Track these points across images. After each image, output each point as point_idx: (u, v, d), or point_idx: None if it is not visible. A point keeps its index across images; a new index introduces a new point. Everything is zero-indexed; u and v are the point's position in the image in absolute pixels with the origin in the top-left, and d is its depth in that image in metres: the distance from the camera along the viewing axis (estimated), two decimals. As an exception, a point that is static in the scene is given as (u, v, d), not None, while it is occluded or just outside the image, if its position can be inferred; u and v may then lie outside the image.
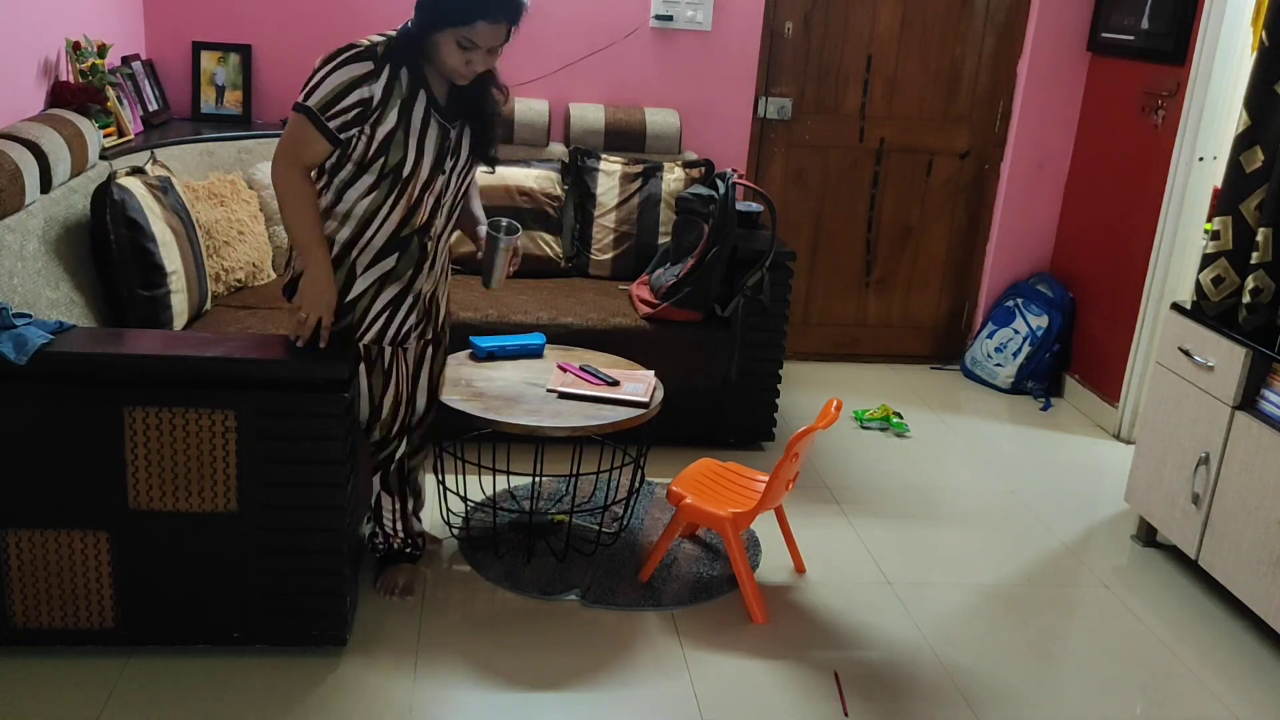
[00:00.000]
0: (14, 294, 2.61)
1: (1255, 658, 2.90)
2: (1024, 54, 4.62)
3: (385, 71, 2.41)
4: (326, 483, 2.46)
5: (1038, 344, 4.62)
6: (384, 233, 2.52)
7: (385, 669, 2.57)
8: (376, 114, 2.40)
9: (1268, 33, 3.02)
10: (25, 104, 3.21)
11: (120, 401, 2.33)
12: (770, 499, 2.88)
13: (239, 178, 3.79)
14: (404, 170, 2.45)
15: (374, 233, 2.51)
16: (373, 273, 2.55)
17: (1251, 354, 2.95)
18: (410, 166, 2.45)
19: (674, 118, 4.37)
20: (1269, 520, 2.83)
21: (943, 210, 4.83)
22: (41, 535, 2.40)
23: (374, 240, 2.52)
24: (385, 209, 2.49)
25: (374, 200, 2.48)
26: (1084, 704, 2.66)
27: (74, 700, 2.38)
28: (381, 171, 2.46)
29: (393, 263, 2.56)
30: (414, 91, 2.44)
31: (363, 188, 2.48)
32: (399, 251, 2.55)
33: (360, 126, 2.41)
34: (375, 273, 2.55)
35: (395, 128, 2.42)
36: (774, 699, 2.58)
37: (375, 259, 2.54)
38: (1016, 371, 4.66)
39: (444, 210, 2.60)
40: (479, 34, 2.38)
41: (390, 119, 2.41)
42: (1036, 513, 3.62)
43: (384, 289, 2.57)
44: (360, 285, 2.55)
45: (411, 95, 2.44)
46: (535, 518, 3.19)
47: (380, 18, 4.24)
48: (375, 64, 2.40)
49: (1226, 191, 3.13)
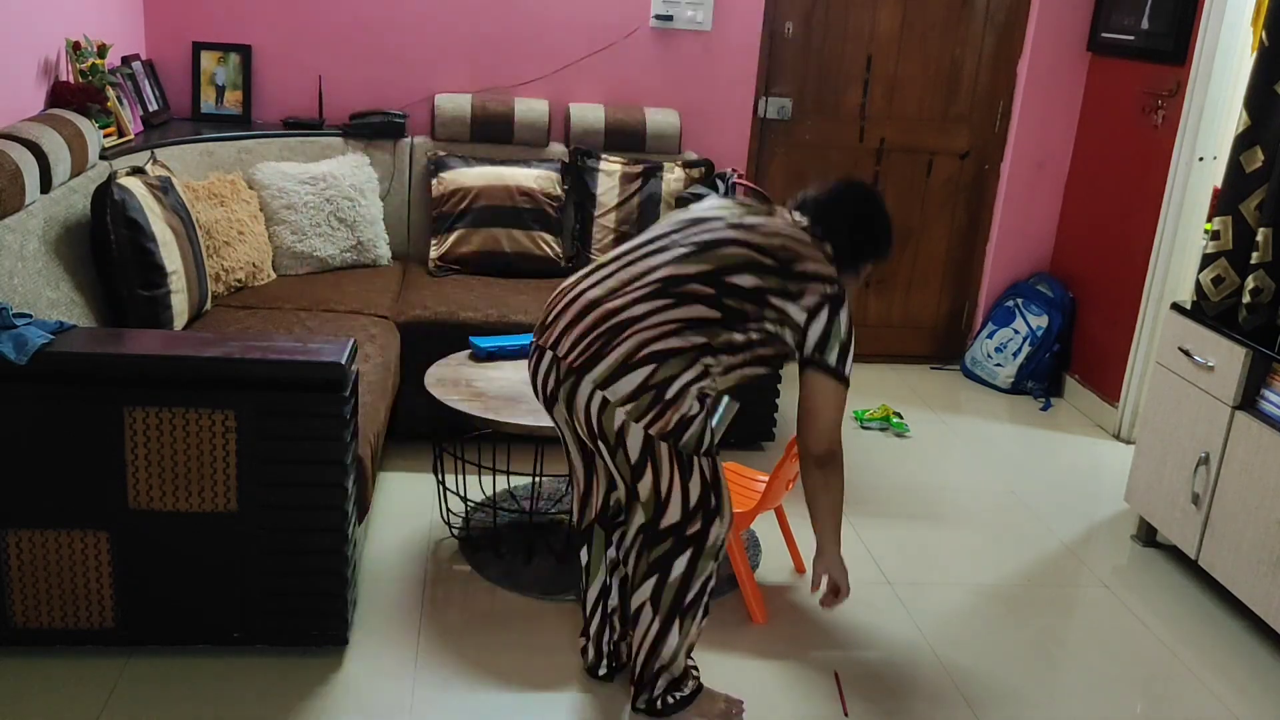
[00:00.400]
0: (14, 294, 2.61)
1: (1255, 658, 2.90)
2: (1024, 54, 4.62)
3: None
4: (326, 483, 2.46)
5: (1038, 344, 4.62)
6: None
7: (385, 669, 2.57)
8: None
9: (1268, 33, 3.02)
10: (25, 104, 3.21)
11: (120, 401, 2.33)
12: (770, 499, 2.88)
13: (239, 178, 3.79)
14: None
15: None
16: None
17: (1251, 354, 2.95)
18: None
19: (674, 118, 4.37)
20: (1269, 520, 2.83)
21: (943, 210, 4.83)
22: (41, 535, 2.40)
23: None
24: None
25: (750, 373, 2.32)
26: (1084, 704, 2.66)
27: (74, 700, 2.38)
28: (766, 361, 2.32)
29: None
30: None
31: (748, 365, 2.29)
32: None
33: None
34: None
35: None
36: (774, 699, 2.58)
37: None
38: (1016, 371, 4.67)
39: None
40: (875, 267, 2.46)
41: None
42: (1036, 513, 3.62)
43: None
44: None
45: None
46: (535, 518, 3.19)
47: (380, 18, 4.26)
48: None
49: (1226, 191, 3.13)
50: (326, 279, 3.82)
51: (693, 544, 2.28)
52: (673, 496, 2.24)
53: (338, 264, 3.95)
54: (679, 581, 2.30)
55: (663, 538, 2.28)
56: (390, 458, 3.58)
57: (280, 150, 4.05)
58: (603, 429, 2.20)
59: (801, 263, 2.22)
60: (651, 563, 2.30)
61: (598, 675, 2.58)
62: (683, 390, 2.16)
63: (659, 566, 2.30)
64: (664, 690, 2.42)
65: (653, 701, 2.42)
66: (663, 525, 2.27)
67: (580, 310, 2.22)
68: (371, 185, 4.05)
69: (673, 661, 2.38)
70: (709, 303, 2.17)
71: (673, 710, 2.43)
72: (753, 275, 2.19)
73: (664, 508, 2.25)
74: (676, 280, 2.18)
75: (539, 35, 4.34)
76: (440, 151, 4.19)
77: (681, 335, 2.15)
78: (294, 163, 3.98)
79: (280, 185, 3.85)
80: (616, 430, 2.18)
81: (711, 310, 2.17)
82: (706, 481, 2.25)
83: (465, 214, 4.00)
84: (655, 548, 2.29)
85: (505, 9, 4.31)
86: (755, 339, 2.22)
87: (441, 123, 4.21)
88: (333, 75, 4.28)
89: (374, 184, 4.07)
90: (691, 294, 2.17)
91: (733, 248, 2.21)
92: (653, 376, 2.13)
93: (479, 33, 4.32)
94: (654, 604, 2.33)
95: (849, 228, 2.34)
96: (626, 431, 2.18)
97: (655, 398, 2.14)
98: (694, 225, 2.29)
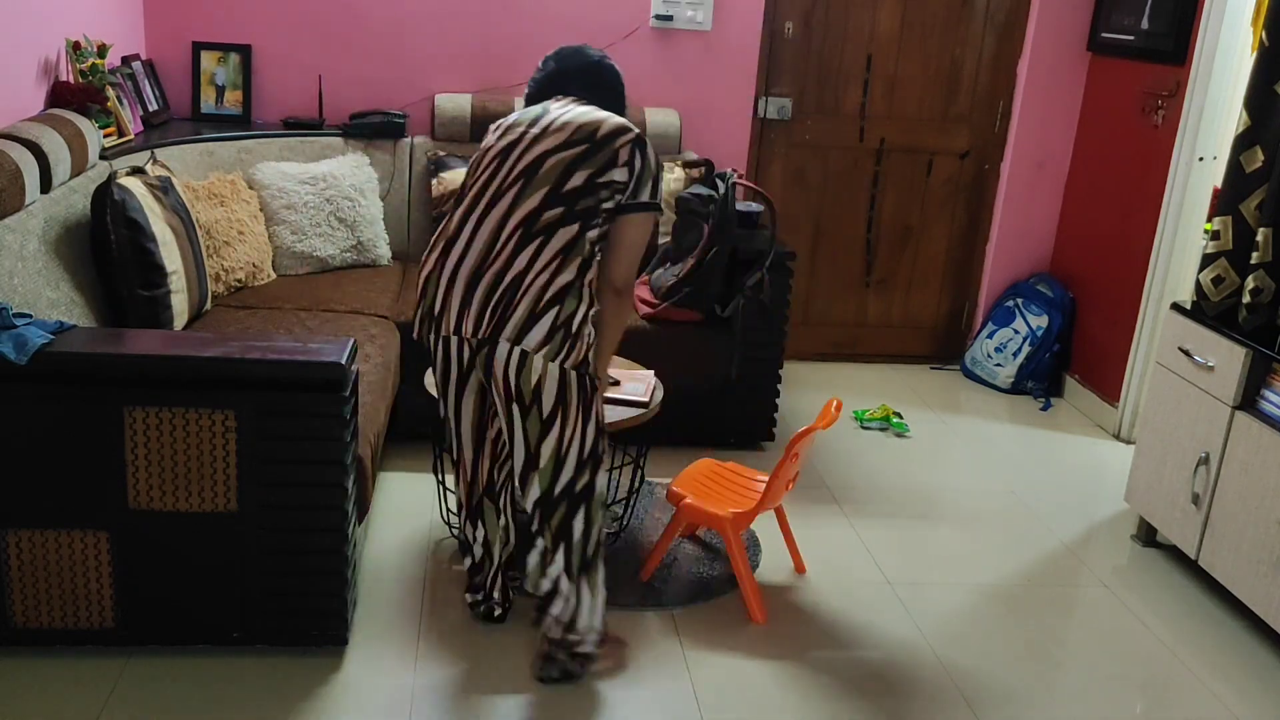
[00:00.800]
0: (14, 294, 2.61)
1: (1255, 658, 2.90)
2: (1024, 54, 4.62)
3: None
4: (326, 483, 2.46)
5: (1038, 344, 4.62)
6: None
7: (385, 669, 2.57)
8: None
9: (1268, 33, 3.02)
10: (25, 104, 3.21)
11: (120, 401, 2.33)
12: (770, 499, 2.88)
13: (239, 178, 3.79)
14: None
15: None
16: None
17: (1251, 354, 2.95)
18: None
19: (674, 118, 4.37)
20: (1269, 520, 2.83)
21: (943, 210, 4.83)
22: (41, 535, 2.40)
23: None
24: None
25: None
26: (1084, 704, 2.66)
27: (74, 700, 2.38)
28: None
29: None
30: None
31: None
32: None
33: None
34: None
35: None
36: (774, 699, 2.58)
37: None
38: (1016, 371, 4.67)
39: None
40: None
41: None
42: (1036, 513, 3.62)
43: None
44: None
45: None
46: (535, 518, 3.19)
47: (380, 18, 4.26)
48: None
49: (1226, 191, 3.13)
50: (326, 279, 3.82)
51: (584, 499, 2.47)
52: (571, 450, 2.43)
53: (338, 264, 3.95)
54: (581, 540, 2.49)
55: (557, 504, 2.46)
56: (390, 458, 3.58)
57: (280, 150, 4.05)
58: (520, 388, 2.37)
59: (600, 128, 2.40)
60: (555, 534, 2.48)
61: (493, 618, 2.76)
62: (584, 319, 2.38)
63: (562, 535, 2.48)
64: (581, 656, 2.58)
65: (567, 672, 2.57)
66: (558, 490, 2.44)
67: (466, 285, 2.37)
68: (371, 185, 4.05)
69: (592, 624, 2.54)
70: (567, 221, 2.35)
71: (583, 672, 2.59)
72: (579, 170, 2.37)
73: (561, 465, 2.43)
74: (531, 218, 2.36)
75: (539, 35, 4.34)
76: (440, 151, 4.19)
77: (565, 266, 2.34)
78: (294, 163, 3.98)
79: (280, 185, 3.85)
80: (534, 385, 2.36)
81: (571, 225, 2.36)
82: (600, 425, 2.48)
83: (465, 214, 4.00)
84: (553, 516, 2.47)
85: (505, 9, 4.31)
86: (603, 223, 2.41)
87: (441, 123, 4.21)
88: (333, 75, 4.28)
89: (374, 184, 4.07)
90: (550, 223, 2.35)
91: (551, 159, 2.38)
92: (559, 316, 2.34)
93: (479, 33, 4.32)
94: (568, 573, 2.50)
95: (606, 88, 2.56)
96: (544, 381, 2.36)
97: (565, 333, 2.35)
98: (506, 158, 2.43)
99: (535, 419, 2.39)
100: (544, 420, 2.40)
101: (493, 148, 2.47)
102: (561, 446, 2.42)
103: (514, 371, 2.36)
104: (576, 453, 2.44)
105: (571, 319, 2.35)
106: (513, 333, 2.33)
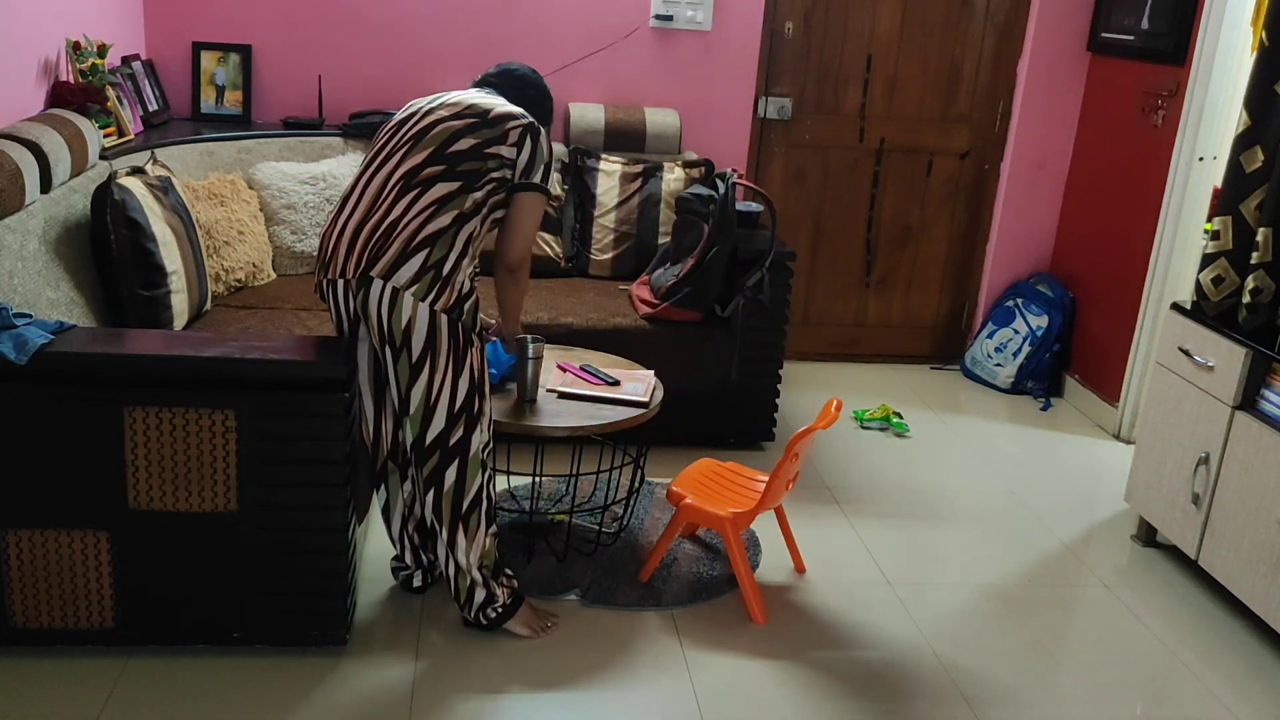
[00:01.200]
0: (14, 294, 2.61)
1: (1255, 658, 2.90)
2: (1024, 54, 4.62)
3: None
4: (326, 483, 2.46)
5: (1037, 344, 4.62)
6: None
7: (385, 669, 2.57)
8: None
9: (1268, 33, 3.02)
10: (25, 104, 3.21)
11: (120, 401, 2.33)
12: (770, 499, 2.88)
13: (239, 178, 3.79)
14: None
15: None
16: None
17: (1251, 354, 2.95)
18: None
19: (674, 118, 4.37)
20: (1269, 520, 2.83)
21: (943, 210, 4.83)
22: (41, 535, 2.40)
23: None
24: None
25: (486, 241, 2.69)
26: (1084, 704, 2.66)
27: (74, 700, 2.38)
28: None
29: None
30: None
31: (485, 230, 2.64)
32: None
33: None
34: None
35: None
36: (774, 699, 2.58)
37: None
38: (1016, 371, 4.67)
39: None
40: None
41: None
42: (1036, 513, 3.62)
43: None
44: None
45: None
46: (535, 518, 3.19)
47: (380, 18, 4.26)
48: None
49: (1226, 191, 3.13)
50: (326, 279, 3.82)
51: (458, 454, 2.56)
52: (440, 400, 2.52)
53: (338, 264, 3.94)
54: (453, 491, 2.58)
55: (430, 453, 2.55)
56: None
57: (280, 150, 4.05)
58: (391, 329, 2.48)
59: (494, 110, 2.58)
60: (425, 479, 2.58)
61: (412, 588, 2.87)
62: (456, 266, 2.49)
63: (432, 481, 2.58)
64: (481, 606, 2.68)
65: (475, 617, 2.70)
66: (429, 439, 2.54)
67: (351, 236, 2.51)
68: (371, 185, 4.05)
69: (470, 570, 2.64)
70: (447, 178, 2.50)
71: (496, 623, 2.70)
72: (466, 137, 2.52)
73: (430, 416, 2.52)
74: (413, 172, 2.50)
75: (539, 35, 4.34)
76: (440, 151, 4.18)
77: (439, 215, 2.47)
78: (294, 162, 3.98)
79: (280, 185, 3.85)
80: (404, 326, 2.46)
81: (451, 183, 2.49)
82: (474, 380, 2.56)
83: (465, 214, 4.00)
84: (425, 464, 2.57)
85: (505, 9, 4.31)
86: (491, 190, 2.55)
87: (441, 123, 4.20)
88: (332, 75, 4.28)
89: (374, 184, 4.07)
90: (430, 177, 2.50)
91: (439, 126, 2.54)
92: (429, 258, 2.46)
93: (479, 33, 4.32)
94: (437, 517, 2.61)
95: (528, 98, 2.76)
96: (414, 322, 2.46)
97: (435, 275, 2.46)
98: (401, 127, 2.59)
99: (405, 362, 2.49)
100: (413, 364, 2.49)
101: (393, 120, 2.64)
102: (431, 394, 2.51)
103: (386, 310, 2.46)
104: (447, 403, 2.52)
105: (442, 263, 2.47)
106: (384, 269, 2.44)
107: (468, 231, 2.51)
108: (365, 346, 2.60)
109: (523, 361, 2.87)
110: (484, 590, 2.67)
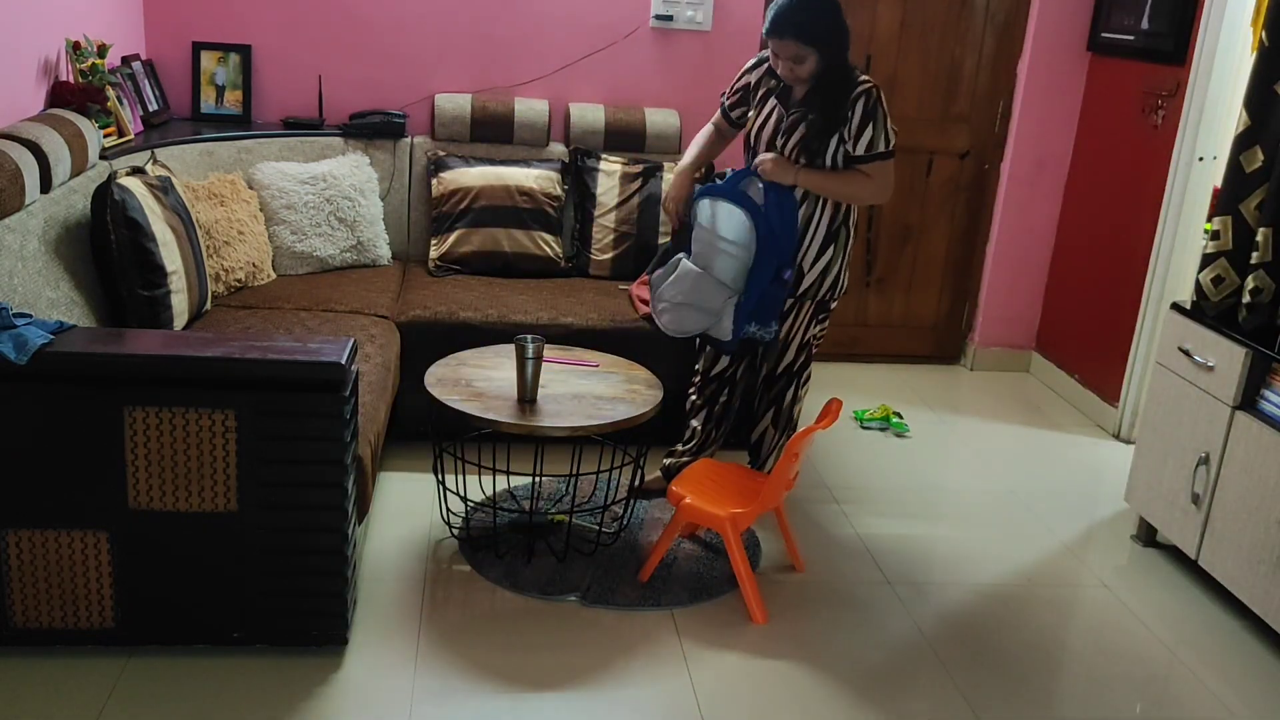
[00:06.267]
0: (14, 294, 2.61)
1: (1255, 658, 2.90)
2: (1024, 54, 4.62)
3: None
4: (326, 483, 2.46)
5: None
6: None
7: (385, 669, 2.57)
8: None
9: (1268, 33, 3.02)
10: (25, 104, 3.21)
11: (120, 401, 2.33)
12: (770, 499, 2.88)
13: (239, 178, 3.79)
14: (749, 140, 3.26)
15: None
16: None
17: (1251, 354, 2.95)
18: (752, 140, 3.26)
19: (674, 118, 4.37)
20: (1269, 520, 2.83)
21: (943, 210, 4.83)
22: (41, 535, 2.40)
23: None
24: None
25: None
26: (1084, 704, 2.66)
27: (74, 700, 2.38)
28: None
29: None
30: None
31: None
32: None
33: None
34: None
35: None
36: (774, 699, 2.58)
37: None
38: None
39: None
40: (772, 47, 3.11)
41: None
42: (1036, 513, 3.62)
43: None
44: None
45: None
46: (535, 518, 3.19)
47: (380, 18, 4.26)
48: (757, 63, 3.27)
49: (1226, 191, 3.13)
50: (326, 279, 3.82)
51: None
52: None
53: (338, 264, 3.95)
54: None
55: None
56: (390, 458, 3.58)
57: (280, 150, 4.05)
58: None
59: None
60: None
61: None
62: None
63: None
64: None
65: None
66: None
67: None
68: (371, 185, 4.05)
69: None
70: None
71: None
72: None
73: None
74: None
75: (539, 35, 4.34)
76: (440, 151, 4.19)
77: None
78: (294, 163, 3.98)
79: (280, 185, 3.86)
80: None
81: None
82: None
83: (465, 214, 4.00)
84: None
85: (505, 9, 4.31)
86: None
87: (441, 123, 4.21)
88: (332, 75, 4.28)
89: (374, 184, 4.07)
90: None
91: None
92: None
93: (479, 33, 4.32)
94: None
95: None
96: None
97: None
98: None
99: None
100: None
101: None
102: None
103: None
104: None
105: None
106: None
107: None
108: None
109: (523, 361, 2.88)
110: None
